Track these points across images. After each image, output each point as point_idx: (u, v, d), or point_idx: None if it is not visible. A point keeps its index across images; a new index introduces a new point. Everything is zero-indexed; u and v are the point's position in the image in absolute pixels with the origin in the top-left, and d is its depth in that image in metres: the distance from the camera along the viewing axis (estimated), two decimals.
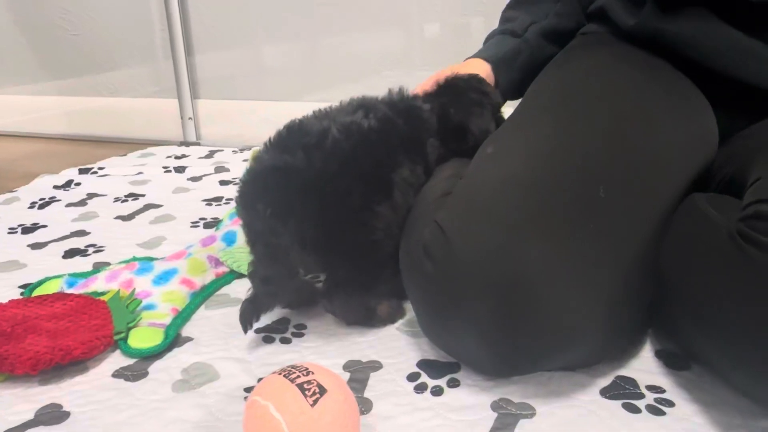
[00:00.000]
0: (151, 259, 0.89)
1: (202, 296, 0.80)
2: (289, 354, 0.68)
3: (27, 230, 1.09)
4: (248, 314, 0.67)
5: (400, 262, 0.66)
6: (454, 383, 0.61)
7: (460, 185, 0.62)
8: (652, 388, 0.59)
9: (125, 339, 0.70)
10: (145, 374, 0.65)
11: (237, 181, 1.31)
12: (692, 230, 0.58)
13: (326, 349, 0.68)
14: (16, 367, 0.63)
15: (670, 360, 0.63)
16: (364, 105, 0.73)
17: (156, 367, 0.66)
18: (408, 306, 0.75)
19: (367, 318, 0.71)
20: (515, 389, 0.60)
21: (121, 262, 0.88)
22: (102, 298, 0.77)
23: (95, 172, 1.44)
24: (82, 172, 1.44)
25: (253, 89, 1.63)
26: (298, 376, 0.48)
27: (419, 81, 0.88)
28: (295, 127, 0.70)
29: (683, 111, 0.71)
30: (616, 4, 0.83)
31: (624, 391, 0.59)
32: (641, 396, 0.58)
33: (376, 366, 0.65)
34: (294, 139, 0.68)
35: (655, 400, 0.58)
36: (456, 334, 0.58)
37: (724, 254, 0.50)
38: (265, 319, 0.74)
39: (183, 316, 0.75)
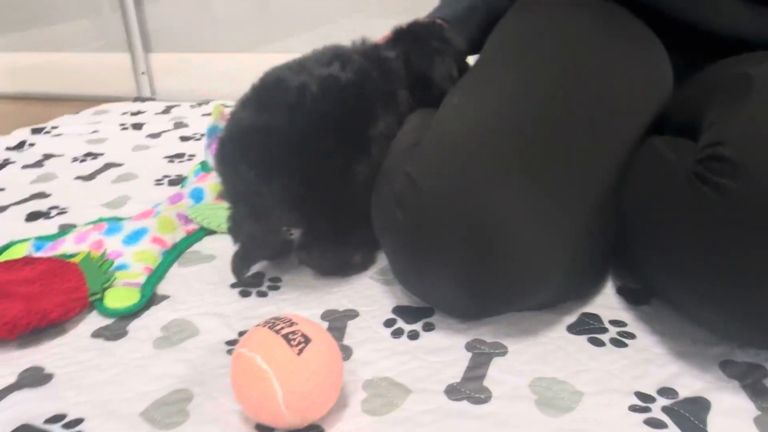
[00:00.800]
0: (119, 219, 0.89)
1: (174, 254, 0.80)
2: (266, 307, 0.69)
3: None
4: (239, 265, 0.69)
5: (372, 213, 0.67)
6: (429, 327, 0.64)
7: (428, 135, 0.63)
8: (615, 323, 0.63)
9: (101, 300, 0.70)
10: (124, 333, 0.66)
11: (198, 136, 1.30)
12: (651, 172, 0.61)
13: (303, 300, 0.70)
14: None
15: (630, 296, 0.67)
16: (339, 56, 0.72)
17: (135, 326, 0.67)
18: (380, 255, 0.77)
19: (342, 268, 0.73)
20: (487, 330, 0.63)
21: (88, 224, 0.87)
22: (73, 260, 0.77)
23: (48, 132, 1.40)
24: (34, 132, 1.40)
25: (208, 41, 1.59)
26: (283, 327, 0.50)
27: (375, 30, 0.87)
28: (272, 82, 0.69)
29: (640, 56, 0.73)
30: None
31: (589, 327, 0.62)
32: (605, 330, 0.62)
33: (352, 314, 0.67)
34: (272, 96, 0.67)
35: (618, 333, 0.61)
36: (429, 280, 0.61)
37: (682, 195, 0.52)
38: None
39: (157, 274, 0.75)
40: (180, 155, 1.20)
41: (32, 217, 0.96)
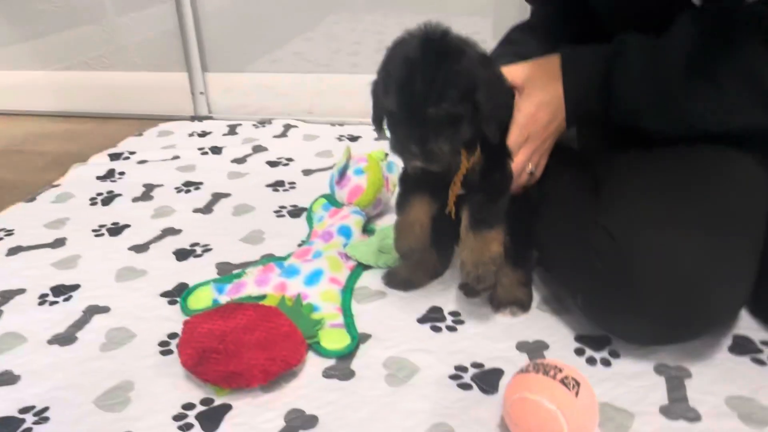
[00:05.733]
0: (280, 258, 0.97)
1: (349, 292, 0.89)
2: (464, 341, 0.80)
3: (114, 231, 1.11)
4: None
5: (553, 253, 0.79)
6: (615, 354, 0.76)
7: (618, 196, 0.76)
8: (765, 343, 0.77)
9: (318, 342, 0.79)
10: (352, 373, 0.76)
11: (284, 161, 1.37)
12: None
13: (493, 334, 0.81)
14: (252, 381, 0.72)
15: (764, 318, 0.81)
16: None
17: (357, 365, 0.77)
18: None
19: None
20: (665, 354, 0.75)
21: (256, 264, 0.95)
22: (264, 302, 0.85)
23: (128, 158, 1.43)
24: (113, 158, 1.44)
25: (261, 61, 1.65)
26: (556, 374, 0.61)
27: None
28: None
29: None
30: None
31: (748, 348, 0.76)
32: (761, 351, 0.76)
33: (542, 345, 0.78)
34: None
35: None
36: (623, 319, 0.73)
37: None
38: (423, 309, 0.86)
39: (349, 313, 0.85)
40: (279, 183, 1.27)
41: (181, 255, 1.02)
